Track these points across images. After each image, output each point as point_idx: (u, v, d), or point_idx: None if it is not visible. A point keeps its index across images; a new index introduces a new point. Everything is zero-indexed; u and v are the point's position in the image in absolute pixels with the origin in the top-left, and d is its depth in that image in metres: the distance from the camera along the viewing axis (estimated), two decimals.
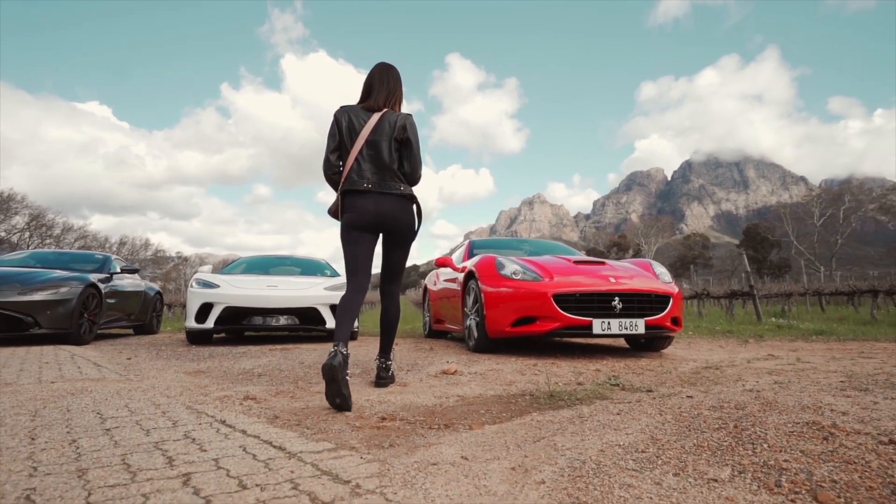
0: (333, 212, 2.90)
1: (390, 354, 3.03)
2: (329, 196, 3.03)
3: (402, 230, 2.85)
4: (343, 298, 2.73)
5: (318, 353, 4.58)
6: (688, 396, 2.51)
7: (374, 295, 27.02)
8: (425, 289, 7.09)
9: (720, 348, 5.18)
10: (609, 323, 3.94)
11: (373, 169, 2.77)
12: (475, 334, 4.56)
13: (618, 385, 2.97)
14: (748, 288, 9.57)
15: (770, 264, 55.85)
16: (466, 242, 6.26)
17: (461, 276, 5.15)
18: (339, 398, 2.27)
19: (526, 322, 4.11)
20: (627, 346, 5.28)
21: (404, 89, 3.00)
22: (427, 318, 6.94)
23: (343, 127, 2.79)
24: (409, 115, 2.89)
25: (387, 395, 2.63)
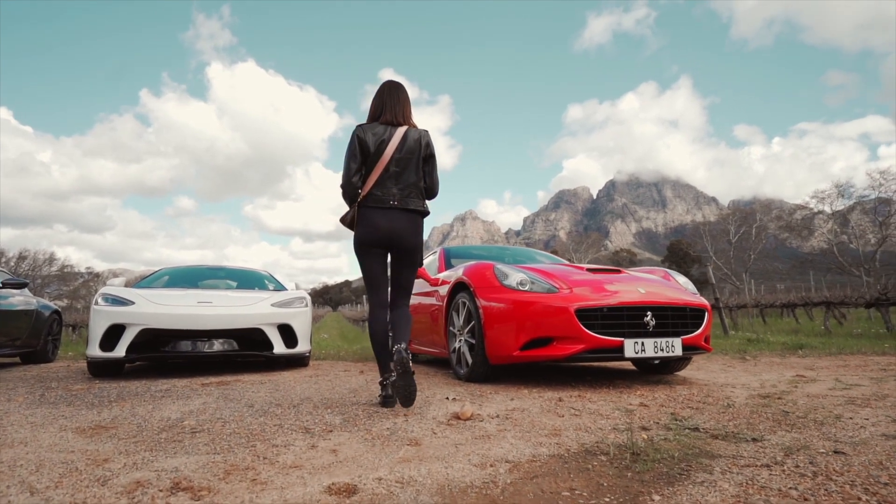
0: (348, 222, 2.88)
1: (407, 346, 2.68)
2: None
3: (410, 250, 2.87)
4: (370, 324, 2.88)
5: (268, 388, 3.54)
6: (835, 452, 1.79)
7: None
8: None
9: (731, 368, 4.60)
10: (643, 343, 3.20)
11: (398, 185, 2.79)
12: (468, 360, 3.70)
13: (697, 429, 2.22)
14: (713, 301, 9.30)
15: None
16: (439, 250, 5.41)
17: (444, 288, 4.28)
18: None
19: (540, 344, 3.30)
20: (634, 367, 4.59)
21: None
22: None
23: (368, 144, 2.76)
24: (427, 130, 2.93)
25: (403, 466, 1.72)
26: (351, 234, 2.92)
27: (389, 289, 2.97)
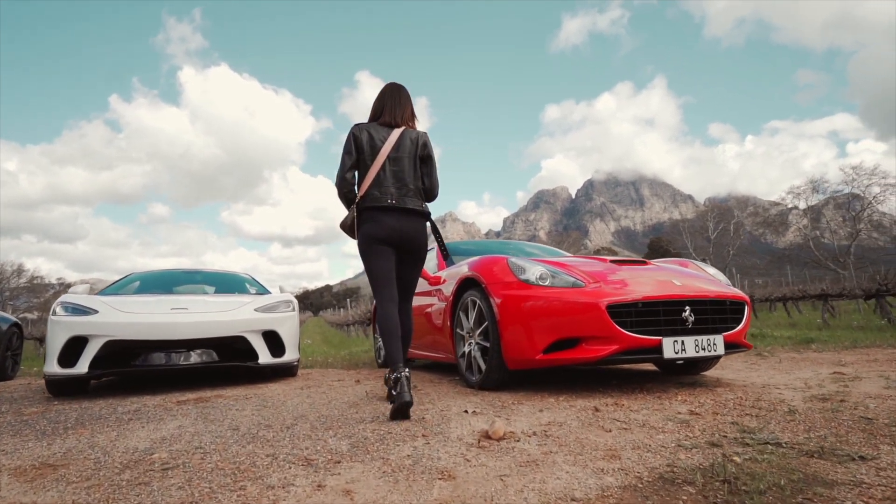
0: (348, 226, 2.86)
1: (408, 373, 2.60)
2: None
3: (417, 251, 2.90)
4: (379, 317, 2.71)
5: (254, 405, 3.08)
6: None
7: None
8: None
9: (757, 366, 4.28)
10: (683, 342, 2.84)
11: (395, 184, 2.76)
12: (481, 365, 3.30)
13: (780, 444, 1.86)
14: None
15: None
16: (437, 246, 4.99)
17: (448, 287, 3.88)
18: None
19: (566, 346, 2.91)
20: (656, 368, 4.24)
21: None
22: (381, 344, 5.56)
23: (363, 143, 2.77)
24: (425, 132, 2.94)
25: None
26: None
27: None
